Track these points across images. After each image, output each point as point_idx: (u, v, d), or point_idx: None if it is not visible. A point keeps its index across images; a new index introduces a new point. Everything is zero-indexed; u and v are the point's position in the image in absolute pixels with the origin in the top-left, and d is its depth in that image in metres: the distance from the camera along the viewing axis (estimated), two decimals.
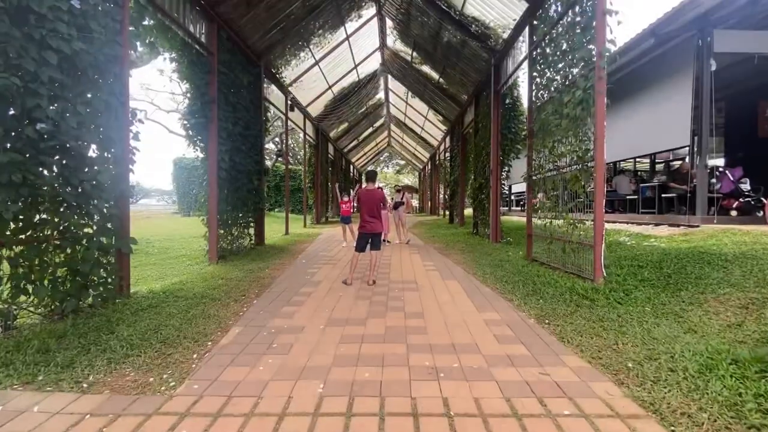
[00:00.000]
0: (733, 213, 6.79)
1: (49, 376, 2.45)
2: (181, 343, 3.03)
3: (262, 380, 2.44)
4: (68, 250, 3.66)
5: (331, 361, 2.71)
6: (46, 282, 3.45)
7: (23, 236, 3.34)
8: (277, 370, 2.58)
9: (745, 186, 7.10)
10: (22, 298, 3.36)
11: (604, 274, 4.46)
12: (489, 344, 3.00)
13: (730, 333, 2.98)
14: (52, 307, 3.54)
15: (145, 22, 5.34)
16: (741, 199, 6.84)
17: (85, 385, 2.37)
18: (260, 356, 2.81)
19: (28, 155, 3.21)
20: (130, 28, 4.41)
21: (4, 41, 2.98)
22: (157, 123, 27.75)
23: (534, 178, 6.38)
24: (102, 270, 3.93)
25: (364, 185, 5.54)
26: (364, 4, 10.75)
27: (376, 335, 3.22)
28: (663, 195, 7.81)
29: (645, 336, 2.99)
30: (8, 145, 3.10)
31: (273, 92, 10.58)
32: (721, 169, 7.14)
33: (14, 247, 3.28)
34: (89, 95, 3.74)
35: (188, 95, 6.43)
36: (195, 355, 2.82)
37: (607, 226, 4.83)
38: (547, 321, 3.50)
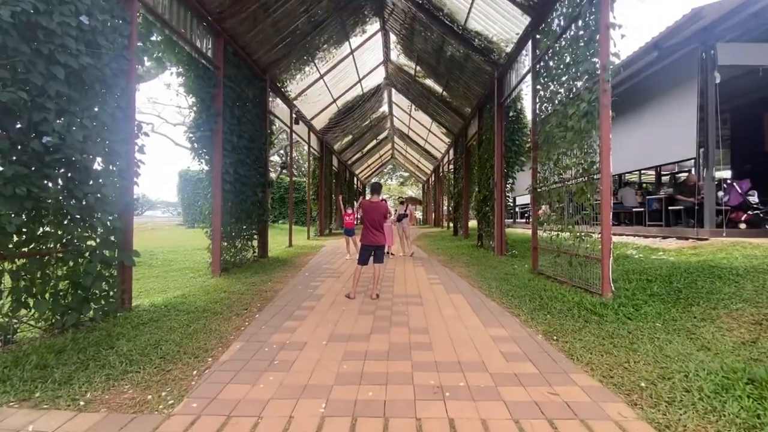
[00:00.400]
0: (742, 226, 6.68)
1: (46, 393, 2.40)
2: (181, 359, 2.97)
3: (262, 399, 2.37)
4: (70, 263, 3.64)
5: (334, 379, 2.64)
6: (47, 295, 3.43)
7: (26, 249, 3.33)
8: (278, 388, 2.51)
9: (754, 198, 7.01)
10: (23, 311, 3.33)
11: (613, 289, 4.37)
12: (496, 362, 2.92)
13: (745, 350, 2.89)
14: (53, 321, 3.51)
15: (153, 38, 5.44)
16: (750, 212, 6.74)
17: (82, 403, 2.31)
18: (261, 373, 2.74)
19: (33, 168, 3.22)
20: (138, 44, 4.47)
21: (13, 56, 3.02)
22: (163, 136, 28.14)
23: (539, 190, 6.34)
24: (104, 283, 3.90)
25: (368, 197, 5.51)
26: (368, 19, 10.92)
27: (379, 352, 3.15)
28: (670, 207, 7.73)
29: (657, 353, 2.90)
30: (14, 157, 3.12)
31: (278, 105, 10.68)
32: (728, 182, 7.07)
33: (16, 260, 3.27)
34: (96, 109, 3.77)
35: (194, 108, 6.49)
36: (195, 372, 2.76)
37: (613, 238, 4.76)
38: (555, 337, 3.41)
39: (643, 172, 11.72)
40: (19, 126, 3.15)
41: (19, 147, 3.15)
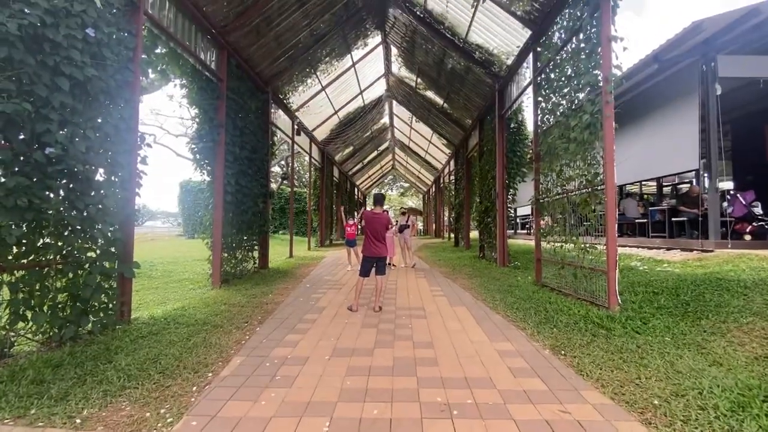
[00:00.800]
0: (747, 237, 6.63)
1: (41, 410, 2.33)
2: (180, 374, 2.90)
3: (264, 417, 2.30)
4: (70, 275, 3.60)
5: (337, 396, 2.57)
6: (45, 308, 3.37)
7: (25, 261, 3.29)
8: (280, 406, 2.44)
9: (758, 210, 6.98)
10: (21, 324, 3.27)
11: (619, 302, 4.30)
12: (503, 378, 2.85)
13: (759, 366, 2.82)
14: (50, 334, 3.45)
15: (158, 50, 5.48)
16: (755, 223, 6.70)
17: (78, 421, 2.24)
18: (262, 389, 2.67)
19: (35, 179, 3.20)
20: (143, 56, 4.50)
21: (19, 68, 3.02)
22: (165, 147, 28.27)
23: (542, 201, 6.31)
24: (103, 295, 3.85)
25: (369, 208, 5.48)
26: (369, 33, 11.05)
27: (384, 367, 3.07)
28: (673, 219, 7.69)
29: (668, 369, 2.83)
30: (16, 168, 3.10)
31: (280, 117, 10.74)
32: (732, 193, 7.05)
33: (15, 271, 3.22)
34: (99, 120, 3.77)
35: (197, 120, 6.52)
36: (194, 388, 2.69)
37: (618, 250, 4.72)
38: (563, 352, 3.34)
39: (643, 183, 11.72)
40: (22, 137, 3.14)
41: (22, 158, 3.14)
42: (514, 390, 2.64)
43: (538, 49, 6.54)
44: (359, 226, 9.68)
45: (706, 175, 6.83)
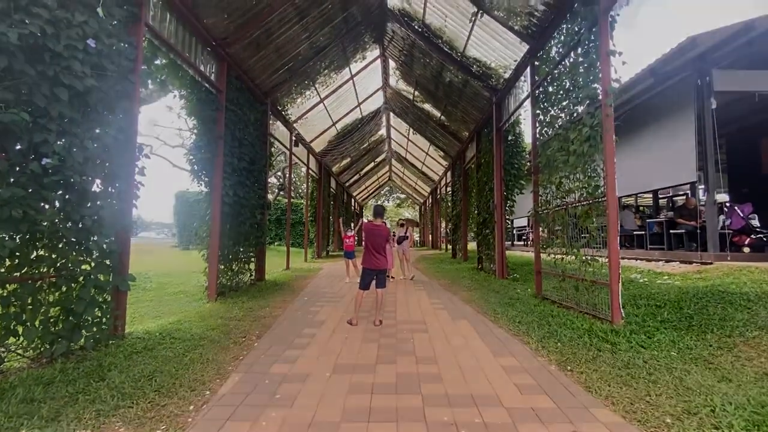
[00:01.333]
0: (746, 250, 6.64)
1: (32, 431, 2.23)
2: (176, 392, 2.80)
3: None
4: (63, 288, 3.50)
5: (340, 416, 2.48)
6: (37, 322, 3.26)
7: (18, 274, 3.19)
8: (281, 427, 2.35)
9: (755, 222, 7.01)
10: (11, 339, 3.16)
11: (623, 315, 4.26)
12: (511, 395, 2.77)
13: None
14: (42, 349, 3.33)
15: (158, 62, 5.47)
16: (753, 236, 6.72)
17: None
18: (262, 408, 2.58)
19: (30, 190, 3.13)
20: (143, 67, 4.48)
21: (18, 77, 2.98)
22: (161, 157, 28.18)
23: (541, 213, 6.30)
24: (97, 309, 3.73)
25: (367, 219, 5.44)
26: (368, 46, 11.18)
27: (387, 384, 2.99)
28: (672, 231, 7.70)
29: (678, 385, 2.77)
30: (11, 179, 3.03)
31: (278, 128, 10.75)
32: (729, 205, 7.09)
33: (7, 285, 3.12)
34: (98, 131, 3.71)
35: (195, 131, 6.48)
36: (192, 407, 2.60)
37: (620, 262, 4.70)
38: (569, 367, 3.27)
39: (639, 195, 11.79)
40: (18, 147, 3.08)
41: (18, 168, 3.07)
42: (522, 408, 2.57)
43: (536, 63, 6.62)
44: (356, 238, 9.61)
45: (702, 187, 6.88)
